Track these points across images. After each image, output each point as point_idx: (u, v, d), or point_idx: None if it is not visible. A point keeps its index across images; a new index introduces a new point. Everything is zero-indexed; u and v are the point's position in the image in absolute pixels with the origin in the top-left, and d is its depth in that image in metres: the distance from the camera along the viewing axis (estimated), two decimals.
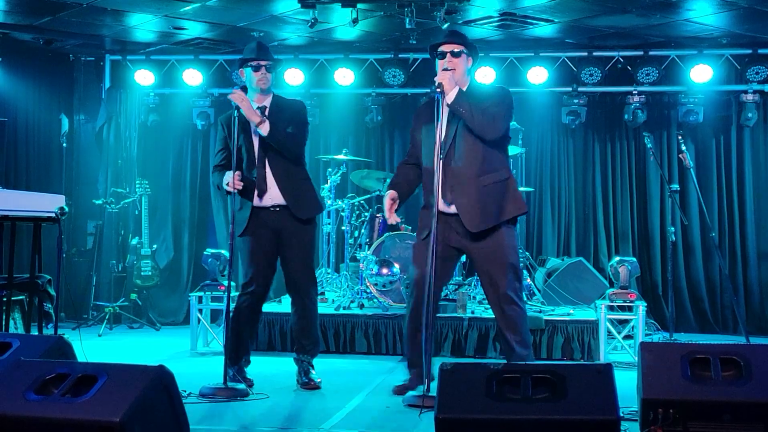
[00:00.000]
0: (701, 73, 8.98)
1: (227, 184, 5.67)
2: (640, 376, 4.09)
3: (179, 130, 10.10)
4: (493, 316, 5.59)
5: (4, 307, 6.09)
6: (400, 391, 5.68)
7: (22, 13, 8.29)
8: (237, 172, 5.64)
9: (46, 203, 5.92)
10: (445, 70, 5.46)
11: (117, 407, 3.49)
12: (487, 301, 5.85)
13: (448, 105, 5.40)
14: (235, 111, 5.68)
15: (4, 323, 6.04)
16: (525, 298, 7.75)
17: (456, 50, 5.49)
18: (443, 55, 5.52)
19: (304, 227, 5.92)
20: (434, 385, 3.93)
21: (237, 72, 6.24)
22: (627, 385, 4.87)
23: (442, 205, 5.40)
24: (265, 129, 5.71)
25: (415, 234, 7.10)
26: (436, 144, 5.30)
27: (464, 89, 5.47)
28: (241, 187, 5.71)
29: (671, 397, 3.91)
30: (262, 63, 5.84)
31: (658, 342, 6.85)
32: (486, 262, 5.47)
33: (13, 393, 3.67)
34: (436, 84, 5.38)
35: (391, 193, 5.67)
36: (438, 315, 6.39)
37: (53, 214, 5.91)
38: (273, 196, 5.85)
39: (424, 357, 5.20)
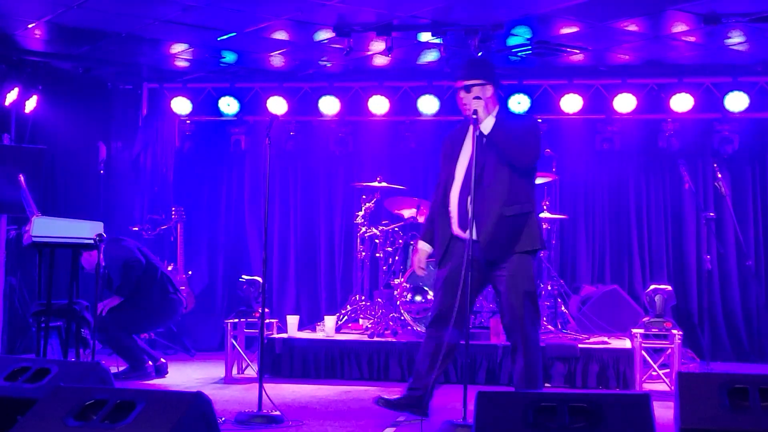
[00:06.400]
0: (736, 101, 8.92)
1: None
2: (677, 405, 4.05)
3: (215, 158, 10.20)
4: None
5: (42, 333, 6.16)
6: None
7: (62, 42, 8.44)
8: None
9: (85, 230, 6.01)
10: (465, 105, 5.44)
11: None
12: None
13: (483, 135, 5.37)
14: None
15: (42, 349, 6.11)
16: (544, 325, 7.73)
17: (467, 84, 5.43)
18: (458, 90, 5.52)
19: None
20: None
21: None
22: (663, 414, 4.83)
23: (468, 232, 5.33)
24: None
25: None
26: (460, 171, 5.44)
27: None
28: None
29: (709, 427, 3.87)
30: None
31: (695, 372, 6.78)
32: (503, 290, 5.42)
33: (53, 419, 3.70)
34: (472, 111, 5.37)
35: (425, 247, 5.70)
36: (471, 343, 6.38)
37: (92, 241, 5.99)
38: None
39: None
